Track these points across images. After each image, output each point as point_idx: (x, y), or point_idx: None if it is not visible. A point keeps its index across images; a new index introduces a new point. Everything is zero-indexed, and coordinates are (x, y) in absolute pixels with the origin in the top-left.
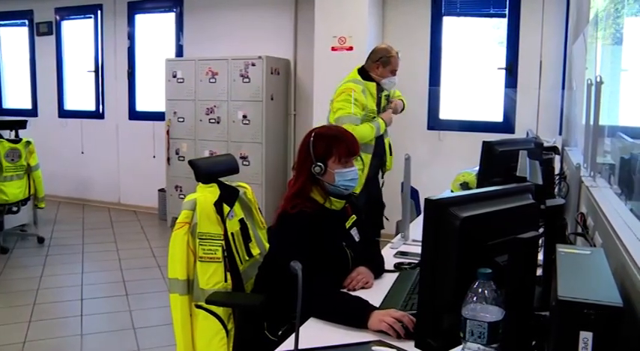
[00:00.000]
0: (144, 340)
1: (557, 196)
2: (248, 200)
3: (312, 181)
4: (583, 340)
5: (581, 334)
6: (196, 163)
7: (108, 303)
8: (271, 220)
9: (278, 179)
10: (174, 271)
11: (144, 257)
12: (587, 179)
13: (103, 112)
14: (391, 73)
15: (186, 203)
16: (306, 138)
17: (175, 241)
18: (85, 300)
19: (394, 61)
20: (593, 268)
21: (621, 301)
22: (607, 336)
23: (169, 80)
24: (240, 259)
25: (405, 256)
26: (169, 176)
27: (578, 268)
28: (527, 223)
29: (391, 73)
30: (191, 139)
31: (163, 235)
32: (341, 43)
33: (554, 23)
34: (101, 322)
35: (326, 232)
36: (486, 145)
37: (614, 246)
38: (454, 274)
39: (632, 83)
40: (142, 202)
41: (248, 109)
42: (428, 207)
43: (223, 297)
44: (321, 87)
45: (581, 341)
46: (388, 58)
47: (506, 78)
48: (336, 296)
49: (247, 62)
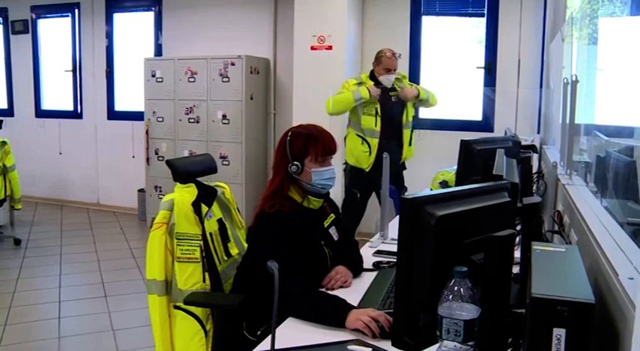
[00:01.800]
0: (123, 342)
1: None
2: (226, 200)
3: (290, 180)
4: (556, 337)
5: (555, 330)
6: (174, 163)
7: (86, 305)
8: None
9: (258, 179)
10: (152, 272)
11: (123, 258)
12: (564, 177)
13: (81, 112)
14: (385, 70)
15: (163, 203)
16: (282, 137)
17: (153, 242)
18: (63, 302)
19: (385, 60)
20: (567, 265)
21: (593, 297)
22: (580, 332)
23: (148, 80)
24: (219, 259)
25: (383, 255)
26: (149, 176)
27: (552, 265)
28: (503, 222)
29: (385, 70)
30: (170, 138)
31: (143, 235)
32: (320, 43)
33: (532, 23)
34: (79, 325)
35: (304, 231)
36: (464, 144)
37: (589, 243)
38: (430, 273)
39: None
40: (121, 203)
41: (228, 109)
42: (403, 205)
43: (202, 297)
44: (300, 86)
45: (554, 338)
46: (380, 57)
47: (485, 77)
48: (314, 295)
49: (227, 61)
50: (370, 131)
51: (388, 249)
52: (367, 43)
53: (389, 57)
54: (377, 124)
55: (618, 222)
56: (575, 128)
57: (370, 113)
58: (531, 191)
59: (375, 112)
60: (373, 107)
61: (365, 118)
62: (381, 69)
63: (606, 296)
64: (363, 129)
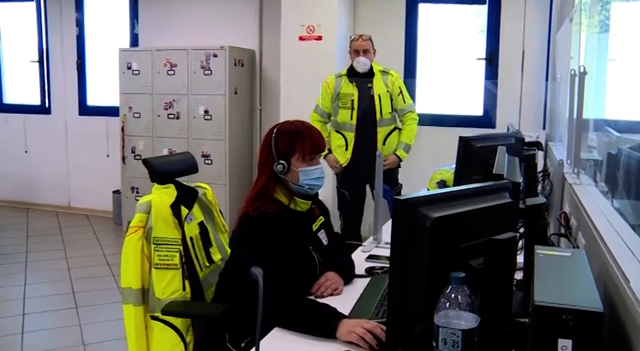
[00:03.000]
0: None
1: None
2: (208, 202)
3: (275, 180)
4: (562, 348)
5: (560, 341)
6: (150, 162)
7: (54, 317)
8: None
9: (243, 179)
10: (127, 280)
11: (96, 265)
12: (571, 176)
13: (49, 106)
14: (355, 53)
15: (139, 206)
16: (267, 134)
17: (128, 247)
18: (28, 315)
19: (353, 43)
20: (573, 271)
21: (602, 305)
22: (587, 343)
23: (123, 72)
24: (200, 265)
25: (377, 260)
26: (125, 177)
27: (557, 271)
28: (504, 224)
29: (355, 53)
30: (148, 136)
31: (118, 240)
32: (309, 33)
33: (537, 10)
34: (46, 340)
35: (291, 235)
36: (463, 141)
37: (597, 247)
38: (425, 279)
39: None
40: (94, 205)
41: (210, 104)
42: (397, 207)
43: (181, 307)
44: (288, 79)
45: (559, 349)
46: (350, 42)
47: (486, 69)
48: (303, 304)
49: (209, 53)
50: (346, 125)
51: (382, 254)
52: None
53: (355, 39)
54: (353, 117)
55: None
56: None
57: (346, 106)
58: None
59: (350, 104)
60: (349, 99)
61: (341, 111)
62: (352, 53)
63: (616, 304)
64: (338, 123)
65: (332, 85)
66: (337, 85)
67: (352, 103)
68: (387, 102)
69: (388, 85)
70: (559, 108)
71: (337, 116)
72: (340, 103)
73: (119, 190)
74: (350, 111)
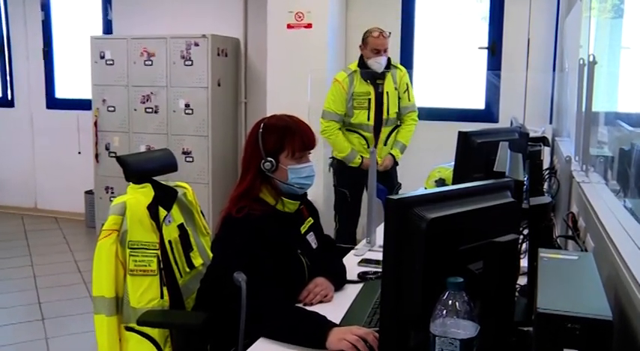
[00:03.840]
0: None
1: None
2: (188, 202)
3: (262, 179)
4: None
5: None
6: (125, 160)
7: (19, 331)
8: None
9: (227, 178)
10: (99, 288)
11: (65, 273)
12: (579, 174)
13: (12, 99)
14: (373, 52)
15: (113, 207)
16: (254, 129)
17: (101, 252)
18: None
19: (372, 41)
20: (580, 275)
21: (611, 313)
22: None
23: (96, 62)
24: (180, 271)
25: (370, 265)
26: (98, 176)
27: (562, 275)
28: (506, 225)
29: (373, 52)
30: (124, 131)
31: (90, 245)
32: (298, 20)
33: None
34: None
35: (278, 238)
36: (463, 136)
37: (607, 250)
38: (421, 285)
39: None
40: (64, 207)
41: (191, 97)
42: (390, 207)
43: (159, 316)
44: (275, 70)
45: None
46: (367, 37)
47: (488, 59)
48: (290, 312)
49: (189, 42)
50: (362, 125)
51: (375, 258)
52: (352, 20)
53: (376, 36)
54: (370, 118)
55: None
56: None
57: (362, 106)
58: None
59: (367, 104)
60: (366, 99)
61: (356, 112)
62: (369, 51)
63: (627, 312)
64: (353, 124)
65: (346, 85)
66: (350, 83)
67: (369, 102)
68: (394, 101)
69: (396, 81)
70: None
71: (352, 117)
72: (355, 103)
73: (92, 191)
74: (367, 111)
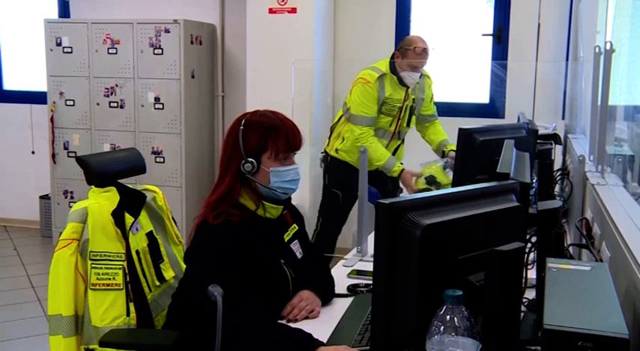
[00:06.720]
0: None
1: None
2: (158, 208)
3: (242, 182)
4: None
5: None
6: (87, 161)
7: None
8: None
9: (203, 180)
10: (56, 306)
11: (16, 289)
12: (594, 175)
13: None
14: (409, 67)
15: (73, 213)
16: (233, 126)
17: (58, 265)
18: None
19: (413, 56)
20: (593, 288)
21: (627, 330)
22: None
23: (52, 49)
24: (149, 284)
25: (361, 277)
26: (55, 178)
27: (573, 288)
28: (510, 232)
29: (409, 67)
30: (85, 128)
31: (46, 257)
32: (281, 4)
33: None
34: None
35: (259, 247)
36: (464, 134)
37: (624, 260)
38: (415, 298)
39: None
40: (15, 214)
41: (161, 90)
42: (381, 212)
43: (124, 336)
44: (255, 60)
45: None
46: (407, 49)
47: (493, 47)
48: (272, 330)
49: (159, 28)
50: (380, 131)
51: (367, 269)
52: (341, 3)
53: (418, 53)
54: (392, 125)
55: None
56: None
57: (391, 114)
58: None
59: (397, 113)
60: (397, 106)
61: (381, 117)
62: (406, 64)
63: None
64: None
65: (376, 87)
66: (381, 87)
67: (400, 111)
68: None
69: (424, 89)
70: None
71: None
72: (384, 109)
73: (48, 195)
74: (393, 119)
